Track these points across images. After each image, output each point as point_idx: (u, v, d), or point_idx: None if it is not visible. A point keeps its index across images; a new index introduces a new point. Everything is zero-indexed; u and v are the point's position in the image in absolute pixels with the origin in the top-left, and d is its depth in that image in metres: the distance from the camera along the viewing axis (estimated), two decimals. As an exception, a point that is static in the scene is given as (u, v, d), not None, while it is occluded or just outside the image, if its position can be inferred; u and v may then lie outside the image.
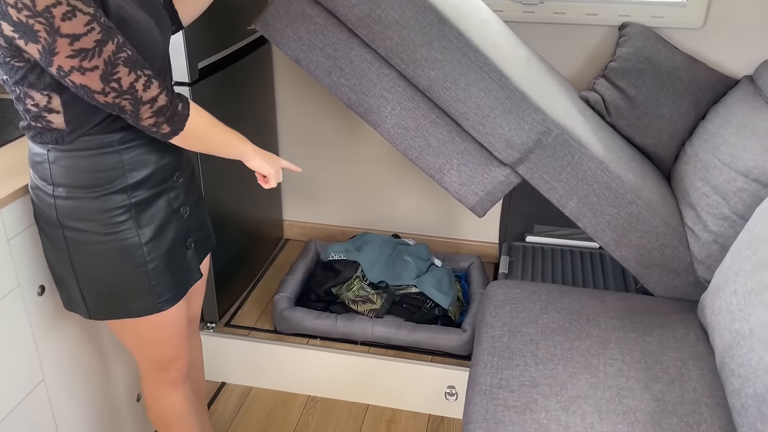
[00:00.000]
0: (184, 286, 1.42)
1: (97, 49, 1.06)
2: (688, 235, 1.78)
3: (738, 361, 1.25)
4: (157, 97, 1.15)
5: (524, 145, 1.69)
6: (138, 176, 1.27)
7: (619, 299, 1.78)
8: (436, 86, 1.65)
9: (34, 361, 1.48)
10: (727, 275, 1.44)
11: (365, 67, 1.68)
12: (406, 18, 1.61)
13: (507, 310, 1.74)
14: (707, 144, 1.89)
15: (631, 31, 2.13)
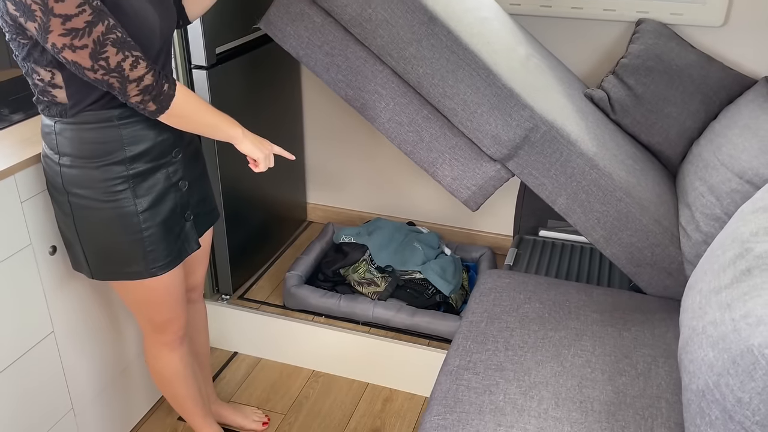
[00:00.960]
0: (180, 255, 1.53)
1: (87, 29, 1.17)
2: (681, 234, 1.77)
3: (689, 357, 1.25)
4: (143, 76, 1.25)
5: (512, 141, 1.73)
6: (136, 150, 1.38)
7: (607, 294, 1.79)
8: (425, 83, 1.72)
9: (44, 314, 1.63)
10: (698, 273, 1.43)
11: (360, 63, 1.76)
12: (395, 17, 1.67)
13: (491, 298, 1.77)
14: (711, 144, 1.86)
15: (645, 27, 2.10)
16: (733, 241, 1.35)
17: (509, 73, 1.76)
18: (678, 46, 2.08)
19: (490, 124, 1.73)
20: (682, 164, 2.04)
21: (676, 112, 2.05)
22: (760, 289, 1.16)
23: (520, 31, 2.13)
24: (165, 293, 1.55)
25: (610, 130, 2.01)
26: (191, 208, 1.56)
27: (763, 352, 1.03)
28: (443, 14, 1.72)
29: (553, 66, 2.10)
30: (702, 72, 2.06)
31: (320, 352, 2.26)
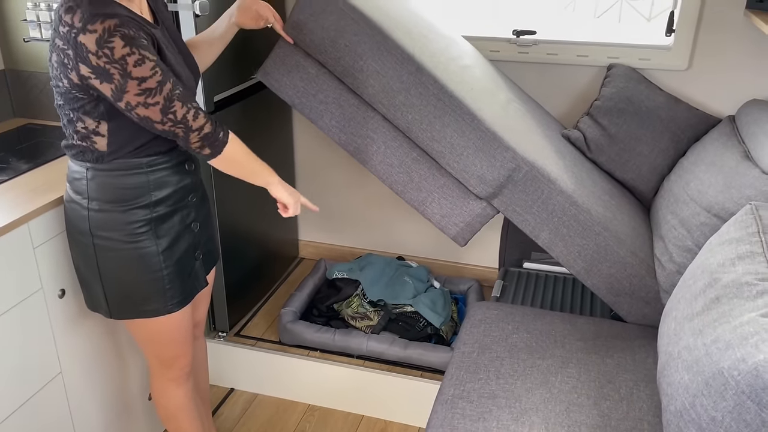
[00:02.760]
0: (192, 292, 1.63)
1: (158, 87, 1.32)
2: (656, 265, 1.89)
3: (667, 381, 1.35)
4: (203, 125, 1.40)
5: (496, 180, 1.85)
6: (160, 195, 1.50)
7: (589, 323, 1.89)
8: (414, 128, 1.85)
9: (53, 356, 1.69)
10: (673, 302, 1.54)
11: (353, 111, 1.90)
12: (385, 68, 1.81)
13: (481, 329, 1.87)
14: (681, 179, 2.00)
15: (616, 72, 2.26)
16: (703, 272, 1.46)
17: (492, 118, 1.88)
18: (647, 89, 2.24)
19: (475, 165, 1.85)
20: (654, 198, 2.18)
21: (647, 150, 2.19)
22: (728, 315, 1.27)
23: (500, 77, 2.27)
24: (176, 330, 1.63)
25: (587, 168, 2.15)
26: (201, 248, 1.65)
27: (732, 374, 1.14)
28: (430, 64, 1.85)
29: (531, 109, 2.24)
30: (669, 113, 2.21)
31: (316, 386, 2.33)
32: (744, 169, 1.77)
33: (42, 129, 2.11)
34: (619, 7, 6.04)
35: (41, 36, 2.02)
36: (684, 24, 2.20)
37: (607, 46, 2.31)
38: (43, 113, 2.18)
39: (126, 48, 1.26)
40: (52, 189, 1.67)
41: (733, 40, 2.20)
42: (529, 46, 2.38)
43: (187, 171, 1.57)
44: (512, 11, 2.86)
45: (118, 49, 1.25)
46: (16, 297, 1.55)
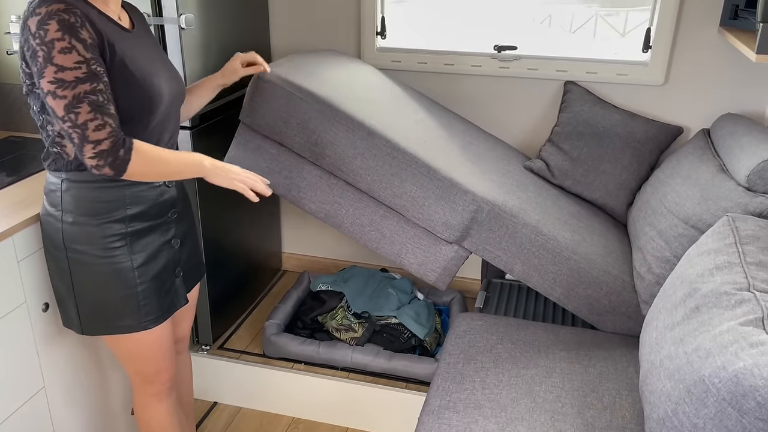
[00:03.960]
0: (170, 309, 1.61)
1: (74, 83, 1.27)
2: (636, 276, 1.93)
3: (650, 389, 1.38)
4: (101, 140, 1.31)
5: (461, 224, 1.94)
6: (136, 210, 1.48)
7: (572, 333, 1.92)
8: (375, 188, 1.95)
9: (36, 370, 1.67)
10: (653, 312, 1.58)
11: (316, 181, 2.00)
12: (338, 138, 1.92)
13: (466, 340, 1.89)
14: (657, 192, 2.05)
15: (571, 96, 2.36)
16: (683, 282, 1.50)
17: (448, 165, 1.98)
18: (602, 109, 2.34)
19: (438, 213, 1.94)
20: (631, 210, 2.23)
21: (610, 167, 2.28)
22: (707, 324, 1.31)
23: (458, 123, 2.37)
24: (155, 346, 1.62)
25: (553, 194, 2.23)
26: (181, 265, 1.64)
27: (713, 382, 1.17)
28: (380, 126, 1.96)
29: (491, 147, 2.33)
30: (627, 128, 2.30)
31: (300, 399, 2.32)
32: (720, 181, 1.83)
33: (23, 141, 2.09)
34: (594, 22, 6.20)
35: None
36: (660, 41, 2.26)
37: (586, 61, 2.36)
38: (25, 126, 2.17)
39: (58, 33, 1.24)
40: (35, 202, 1.66)
41: (708, 57, 2.26)
42: (510, 61, 2.42)
43: (168, 186, 1.54)
44: (490, 26, 2.92)
45: (51, 31, 1.24)
46: (1, 310, 1.54)
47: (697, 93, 2.31)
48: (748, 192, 1.75)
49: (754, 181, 1.74)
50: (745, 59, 2.25)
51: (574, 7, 3.21)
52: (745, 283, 1.36)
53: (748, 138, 1.92)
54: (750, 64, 2.24)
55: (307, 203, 2.03)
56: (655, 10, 2.26)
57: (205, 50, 2.12)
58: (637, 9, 3.22)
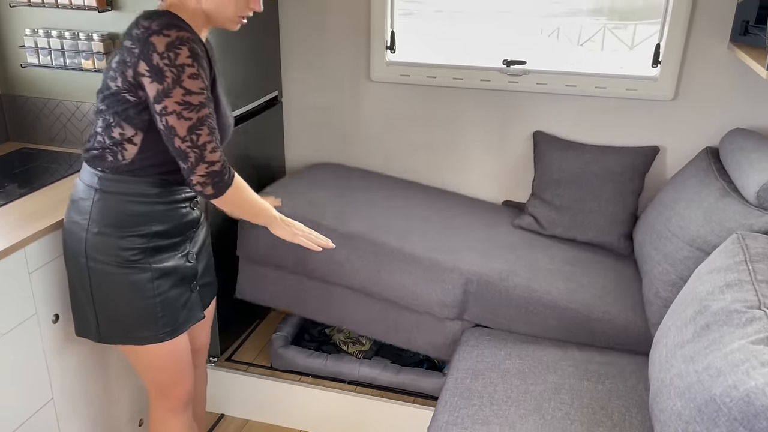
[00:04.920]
0: (186, 323, 1.62)
1: (198, 107, 1.36)
2: (645, 301, 1.94)
3: (660, 407, 1.37)
4: (215, 162, 1.41)
5: (456, 300, 2.02)
6: (161, 227, 1.51)
7: (581, 350, 1.91)
8: (368, 286, 2.09)
9: (45, 382, 1.68)
10: (663, 330, 1.57)
11: (318, 291, 2.20)
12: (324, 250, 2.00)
13: (474, 355, 1.88)
14: (661, 216, 2.06)
15: (540, 147, 2.43)
16: (693, 299, 1.49)
17: (431, 247, 2.10)
18: (574, 151, 2.39)
19: (431, 296, 2.03)
20: (636, 235, 2.25)
21: (595, 206, 2.32)
22: (718, 343, 1.30)
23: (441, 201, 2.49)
24: (171, 358, 1.62)
25: (545, 246, 2.27)
26: (198, 279, 1.66)
27: (724, 401, 1.16)
28: (359, 227, 2.13)
29: (477, 214, 2.42)
30: (600, 164, 2.34)
31: (307, 412, 2.32)
32: (724, 204, 1.83)
33: (37, 153, 2.11)
34: (602, 35, 6.21)
35: (39, 62, 2.04)
36: (670, 56, 2.26)
37: (595, 76, 2.37)
38: (38, 137, 2.19)
39: (189, 59, 1.33)
40: (48, 214, 1.68)
41: (717, 72, 2.26)
42: (519, 75, 2.43)
43: (192, 208, 1.59)
44: (498, 39, 2.93)
45: (182, 56, 1.32)
46: (11, 322, 1.55)
47: (707, 108, 2.31)
48: (756, 210, 1.74)
49: (764, 197, 1.74)
50: (755, 75, 2.25)
51: (582, 19, 3.22)
52: (756, 301, 1.35)
53: (757, 154, 1.92)
54: (760, 80, 2.24)
55: (317, 314, 2.20)
56: (665, 25, 2.26)
57: (217, 64, 2.14)
58: (646, 22, 3.22)
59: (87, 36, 1.96)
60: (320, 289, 2.17)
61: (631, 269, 2.24)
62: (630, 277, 2.18)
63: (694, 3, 2.20)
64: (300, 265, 2.12)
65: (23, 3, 1.97)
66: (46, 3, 1.95)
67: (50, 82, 2.11)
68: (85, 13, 1.96)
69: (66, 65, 2.02)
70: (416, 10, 2.63)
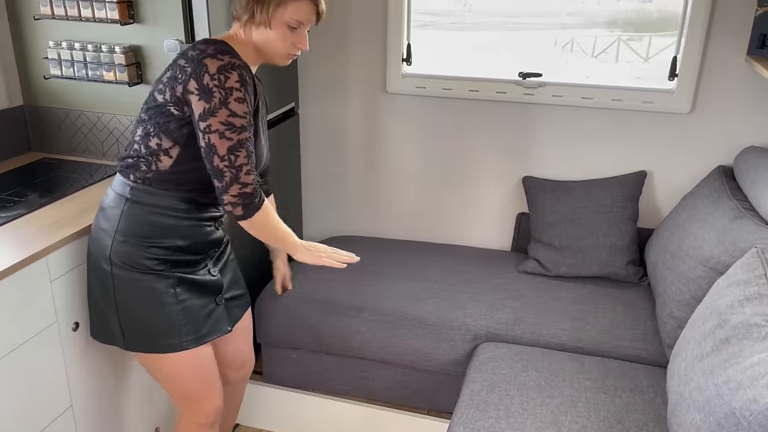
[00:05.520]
0: (210, 334, 1.62)
1: (240, 129, 1.42)
2: (659, 322, 1.94)
3: (678, 421, 1.36)
4: (248, 184, 1.45)
5: (467, 354, 2.09)
6: (185, 242, 1.55)
7: (597, 363, 1.90)
8: (382, 354, 2.17)
9: (64, 389, 1.69)
10: (681, 344, 1.56)
11: (337, 366, 2.27)
12: (337, 324, 2.18)
13: (490, 367, 1.88)
14: (674, 236, 2.07)
15: (531, 191, 2.49)
16: (712, 313, 1.49)
17: (436, 307, 2.17)
18: (560, 189, 2.43)
19: (443, 355, 2.12)
20: (648, 256, 2.25)
21: (593, 240, 2.34)
22: (738, 356, 1.29)
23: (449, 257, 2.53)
24: (194, 369, 1.63)
25: (552, 287, 2.31)
26: (223, 292, 1.67)
27: (744, 415, 1.15)
28: (365, 299, 2.21)
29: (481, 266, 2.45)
30: (590, 198, 2.38)
31: (321, 422, 2.32)
32: (738, 225, 1.82)
33: (59, 163, 2.14)
34: (616, 47, 6.17)
35: (61, 73, 2.08)
36: (686, 69, 2.26)
37: (612, 88, 2.37)
38: (60, 148, 2.22)
39: (237, 83, 1.40)
40: (69, 223, 1.70)
41: (735, 85, 2.26)
42: (534, 87, 2.44)
43: (217, 228, 1.62)
44: (512, 50, 2.93)
45: (232, 80, 1.39)
46: (33, 329, 1.57)
47: (724, 121, 2.30)
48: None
49: (782, 214, 1.73)
50: (772, 88, 2.24)
51: (596, 31, 3.20)
52: (776, 315, 1.34)
53: (775, 170, 1.91)
54: (778, 93, 2.23)
55: (341, 386, 2.29)
56: (682, 37, 2.27)
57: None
58: (661, 34, 3.22)
59: (109, 48, 2.00)
60: (339, 364, 2.26)
61: (641, 295, 2.25)
62: (640, 304, 2.19)
63: (712, 15, 2.20)
64: (316, 343, 2.22)
65: (47, 16, 2.01)
66: (70, 16, 1.98)
67: (72, 94, 2.14)
68: (108, 25, 2.00)
69: (88, 77, 2.05)
70: (431, 22, 2.65)
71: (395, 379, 2.23)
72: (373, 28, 2.54)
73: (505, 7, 3.24)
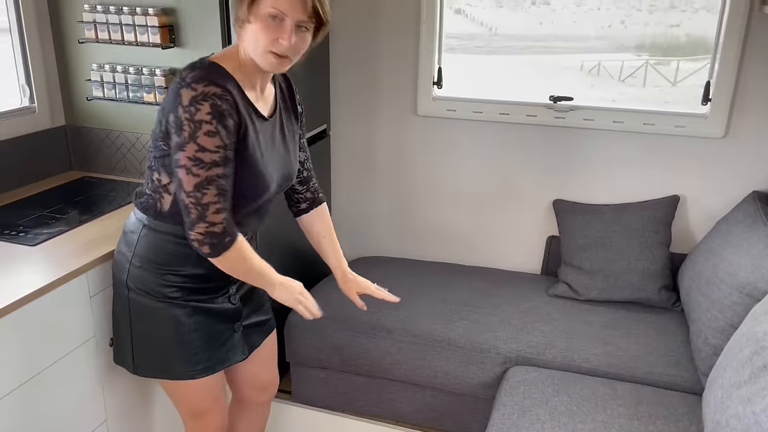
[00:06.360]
0: (222, 362, 1.59)
1: (209, 165, 1.33)
2: (693, 350, 1.92)
3: (716, 450, 1.34)
4: (216, 223, 1.36)
5: (497, 378, 2.08)
6: (200, 270, 1.50)
7: (631, 389, 1.88)
8: (411, 375, 2.17)
9: (100, 403, 1.72)
10: (717, 371, 1.54)
11: (366, 386, 2.28)
12: (363, 345, 2.19)
13: (521, 391, 1.87)
14: (708, 262, 2.04)
15: (562, 215, 2.48)
16: (749, 340, 1.46)
17: (467, 329, 2.16)
18: (591, 213, 2.42)
19: (472, 378, 2.11)
20: (681, 281, 2.23)
21: (625, 264, 2.31)
22: (777, 385, 1.27)
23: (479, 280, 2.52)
24: (204, 392, 1.61)
25: (583, 312, 2.28)
26: (242, 320, 1.64)
27: (786, 445, 1.13)
28: (395, 320, 2.20)
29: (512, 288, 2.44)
30: (621, 222, 2.37)
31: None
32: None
33: (98, 182, 2.20)
34: (644, 70, 6.14)
35: (103, 95, 2.14)
36: (720, 93, 2.25)
37: (643, 113, 2.36)
38: (99, 167, 2.28)
39: (208, 116, 1.30)
40: (107, 241, 1.74)
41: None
42: (566, 111, 2.44)
43: None
44: (539, 72, 2.94)
45: (202, 113, 1.30)
46: (72, 344, 1.60)
47: (758, 145, 2.28)
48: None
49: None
50: (808, 113, 2.22)
51: (623, 55, 3.20)
52: (817, 344, 1.32)
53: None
54: (814, 118, 2.21)
55: (368, 407, 2.28)
56: (715, 62, 2.26)
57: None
58: (689, 59, 3.21)
59: (150, 71, 2.06)
60: (368, 385, 2.26)
61: (675, 321, 2.22)
62: (673, 330, 2.16)
63: (745, 40, 2.19)
64: (345, 364, 2.22)
65: (92, 39, 2.08)
66: (113, 40, 2.05)
67: (114, 115, 2.21)
68: (149, 49, 2.06)
69: (129, 98, 2.11)
70: (457, 45, 2.68)
71: (424, 401, 2.22)
72: (404, 51, 2.58)
73: (531, 30, 3.26)
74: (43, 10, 2.14)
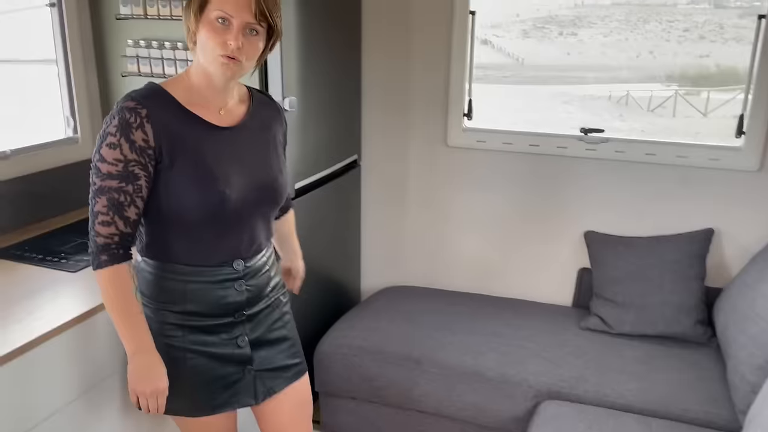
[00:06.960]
0: (229, 404, 1.52)
1: (104, 176, 1.32)
2: (730, 387, 1.88)
3: (757, 493, 1.31)
4: (100, 234, 1.34)
5: (527, 411, 2.05)
6: (196, 307, 1.44)
7: (666, 427, 1.84)
8: (440, 407, 2.15)
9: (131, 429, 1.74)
10: (757, 407, 1.51)
11: (394, 418, 2.26)
12: (392, 375, 2.19)
13: (553, 426, 1.84)
14: (745, 297, 2.01)
15: (594, 247, 2.47)
16: (790, 379, 1.43)
17: (497, 362, 2.14)
18: (626, 246, 2.39)
19: (503, 412, 2.08)
20: (717, 317, 2.19)
21: (659, 298, 2.28)
22: (821, 426, 1.24)
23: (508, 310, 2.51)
24: (205, 426, 1.54)
25: (616, 346, 2.25)
26: (255, 363, 1.53)
27: (832, 490, 1.10)
28: (424, 351, 2.21)
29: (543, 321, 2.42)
30: (655, 254, 2.33)
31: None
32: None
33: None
34: (673, 101, 6.09)
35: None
36: (755, 126, 2.24)
37: (676, 145, 2.36)
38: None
39: (114, 128, 1.31)
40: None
41: (804, 143, 2.21)
42: (597, 143, 2.44)
43: (237, 289, 1.47)
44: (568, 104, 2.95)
45: (111, 125, 1.31)
46: (102, 374, 1.61)
47: (795, 180, 2.25)
48: None
49: None
50: None
51: (653, 86, 3.20)
52: None
53: None
54: None
55: None
56: (749, 94, 2.24)
57: (303, 131, 2.25)
58: (719, 89, 3.19)
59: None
60: (397, 415, 2.25)
61: (711, 356, 2.18)
62: (709, 366, 2.12)
63: (780, 74, 2.18)
64: (374, 394, 2.22)
65: (134, 73, 2.14)
66: (155, 74, 2.11)
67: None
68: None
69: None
70: (483, 75, 2.70)
71: None
72: (434, 82, 2.61)
73: (558, 60, 3.29)
74: (88, 45, 2.22)
